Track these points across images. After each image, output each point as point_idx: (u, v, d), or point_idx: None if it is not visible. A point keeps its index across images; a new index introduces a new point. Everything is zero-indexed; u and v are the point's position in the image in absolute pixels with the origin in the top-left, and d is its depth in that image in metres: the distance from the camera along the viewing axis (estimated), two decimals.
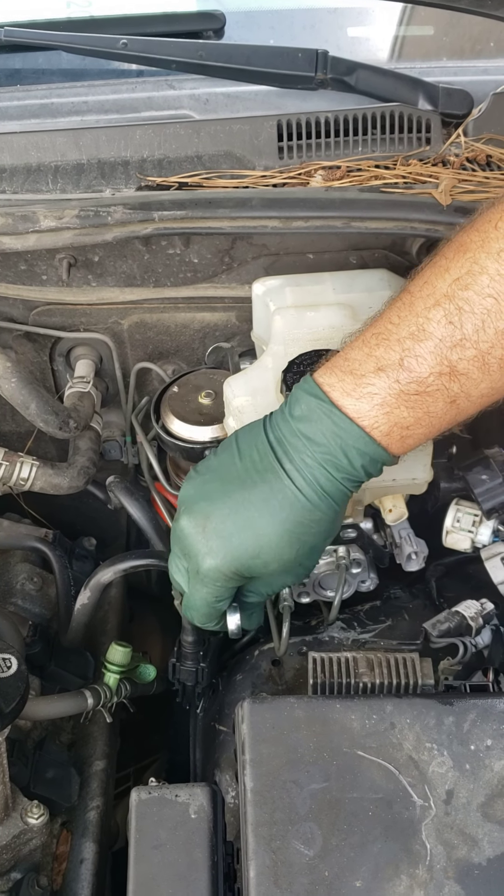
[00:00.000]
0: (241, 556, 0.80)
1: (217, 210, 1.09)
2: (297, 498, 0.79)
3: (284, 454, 0.80)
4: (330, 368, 0.81)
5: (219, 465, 0.83)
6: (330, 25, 1.46)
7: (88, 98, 1.27)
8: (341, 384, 0.79)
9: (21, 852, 0.94)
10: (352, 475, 0.80)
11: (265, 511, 0.79)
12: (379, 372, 0.78)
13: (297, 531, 0.80)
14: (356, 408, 0.78)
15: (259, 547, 0.80)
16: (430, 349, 0.76)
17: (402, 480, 0.99)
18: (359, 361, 0.79)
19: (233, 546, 0.80)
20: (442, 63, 1.36)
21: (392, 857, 0.74)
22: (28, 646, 1.06)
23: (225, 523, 0.80)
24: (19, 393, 1.13)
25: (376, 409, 0.78)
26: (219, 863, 0.77)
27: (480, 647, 1.03)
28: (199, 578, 0.83)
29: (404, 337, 0.77)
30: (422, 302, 0.78)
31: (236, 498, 0.80)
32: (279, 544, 0.80)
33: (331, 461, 0.79)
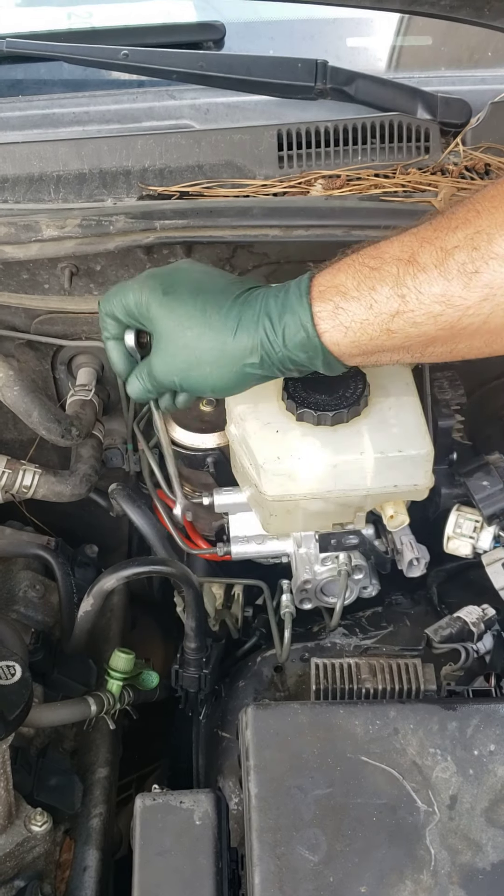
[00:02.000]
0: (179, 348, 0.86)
1: (218, 219, 1.09)
2: (236, 336, 0.84)
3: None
4: (323, 280, 0.84)
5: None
6: (329, 36, 1.47)
7: (90, 108, 1.27)
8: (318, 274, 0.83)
9: (24, 860, 0.94)
10: (295, 337, 0.83)
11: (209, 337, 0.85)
12: (351, 252, 0.83)
13: (227, 357, 0.85)
14: (317, 275, 0.83)
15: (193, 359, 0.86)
16: (401, 238, 0.80)
17: (404, 487, 0.99)
18: (346, 254, 0.84)
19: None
20: (440, 73, 1.37)
21: (396, 862, 0.75)
22: (31, 653, 1.06)
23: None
24: (21, 401, 1.13)
25: (328, 271, 0.82)
26: (223, 869, 0.77)
27: (482, 652, 1.03)
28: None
29: (391, 235, 0.82)
30: (416, 226, 0.82)
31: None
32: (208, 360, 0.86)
33: (277, 326, 0.83)
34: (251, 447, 0.98)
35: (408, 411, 0.99)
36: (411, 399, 1.00)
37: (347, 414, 0.96)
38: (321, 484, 0.98)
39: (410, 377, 1.03)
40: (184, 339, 0.86)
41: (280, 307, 0.83)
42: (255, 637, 1.21)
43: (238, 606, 1.24)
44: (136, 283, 0.89)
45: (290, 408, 0.97)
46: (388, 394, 1.00)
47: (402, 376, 1.02)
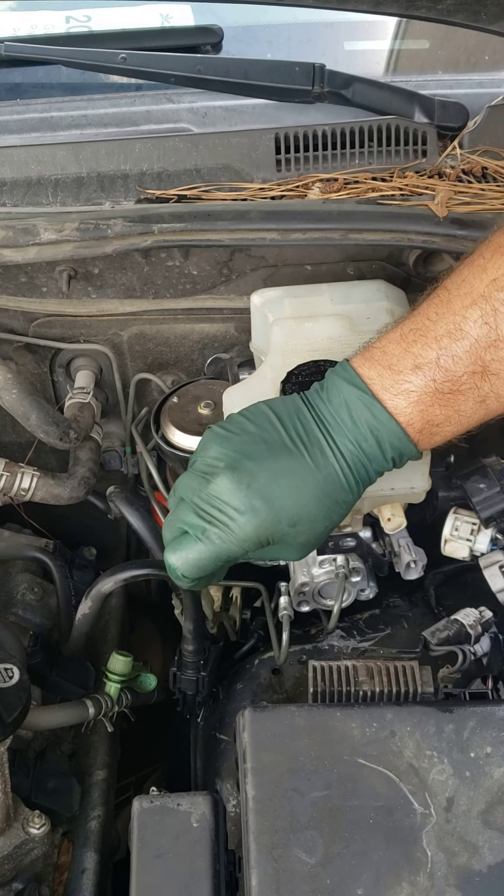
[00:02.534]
0: (281, 519, 0.80)
1: (216, 222, 1.10)
2: (339, 475, 0.81)
3: (329, 432, 0.81)
4: (368, 360, 0.82)
5: (258, 430, 0.82)
6: (327, 39, 1.47)
7: (88, 112, 1.28)
8: (381, 378, 0.81)
9: (22, 862, 0.95)
10: (381, 466, 0.82)
11: (311, 482, 0.80)
12: (416, 370, 0.79)
13: (332, 508, 0.82)
14: (394, 403, 0.80)
15: (299, 515, 0.80)
16: (465, 349, 0.78)
17: (401, 489, 0.99)
18: (397, 357, 0.81)
19: (275, 508, 0.79)
20: (437, 76, 1.37)
21: (393, 864, 0.75)
22: (29, 656, 1.06)
23: (271, 486, 0.79)
24: (20, 404, 1.13)
25: (412, 407, 0.80)
26: (221, 871, 0.77)
27: (479, 654, 1.03)
28: (223, 535, 0.80)
29: (441, 335, 0.79)
30: (459, 300, 0.79)
31: (284, 463, 0.80)
32: (316, 516, 0.81)
33: (367, 449, 0.81)
34: None
35: None
36: None
37: None
38: None
39: None
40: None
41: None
42: (252, 639, 1.21)
43: (236, 609, 1.24)
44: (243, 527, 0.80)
45: None
46: None
47: None
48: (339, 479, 0.80)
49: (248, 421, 0.83)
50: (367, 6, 1.12)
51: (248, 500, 0.79)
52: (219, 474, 0.80)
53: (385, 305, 1.07)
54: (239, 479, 0.79)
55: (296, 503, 0.80)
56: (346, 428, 0.81)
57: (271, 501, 0.79)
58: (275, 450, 0.81)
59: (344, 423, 0.81)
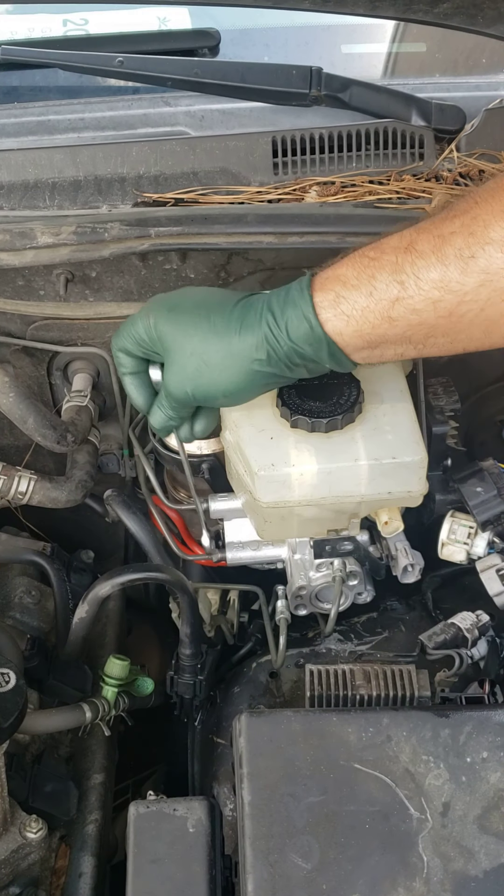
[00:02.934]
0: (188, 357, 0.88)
1: (213, 226, 1.10)
2: (243, 337, 0.86)
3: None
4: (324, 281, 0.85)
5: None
6: (324, 43, 1.47)
7: (85, 115, 1.28)
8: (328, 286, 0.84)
9: (20, 867, 0.95)
10: (298, 332, 0.84)
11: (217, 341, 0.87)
12: (352, 250, 0.84)
13: (239, 364, 0.87)
14: (319, 271, 0.85)
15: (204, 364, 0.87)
16: (399, 231, 0.82)
17: (398, 493, 1.00)
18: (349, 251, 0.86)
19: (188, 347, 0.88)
20: (434, 79, 1.37)
21: (389, 869, 0.75)
22: (26, 659, 1.06)
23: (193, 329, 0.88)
24: (17, 407, 1.13)
25: (329, 265, 0.84)
26: (217, 876, 0.77)
27: (476, 658, 1.03)
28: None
29: (387, 237, 0.83)
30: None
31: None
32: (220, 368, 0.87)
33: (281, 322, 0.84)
34: (245, 454, 0.99)
35: (402, 418, 0.99)
36: (405, 405, 1.01)
37: (342, 421, 0.96)
38: (315, 490, 0.98)
39: (404, 383, 1.03)
40: (191, 346, 0.87)
41: (282, 302, 0.84)
42: (250, 643, 1.21)
43: (233, 612, 1.24)
44: (140, 312, 0.91)
45: (285, 415, 0.97)
46: (382, 400, 1.00)
47: (396, 383, 1.02)
48: (244, 341, 0.85)
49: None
50: (364, 9, 1.11)
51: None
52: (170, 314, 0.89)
53: None
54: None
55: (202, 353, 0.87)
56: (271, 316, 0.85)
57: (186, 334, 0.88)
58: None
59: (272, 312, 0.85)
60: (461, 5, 1.09)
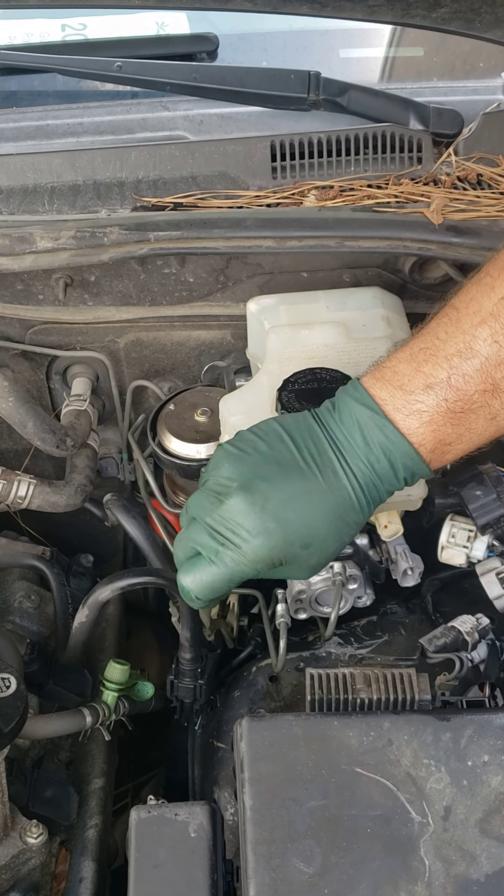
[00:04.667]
0: (294, 541, 0.79)
1: (212, 230, 1.10)
2: (351, 497, 0.80)
3: (342, 453, 0.81)
4: (379, 380, 0.82)
5: (270, 450, 0.81)
6: (322, 47, 1.48)
7: (84, 120, 1.28)
8: (392, 398, 0.80)
9: (20, 872, 0.94)
10: (393, 486, 0.82)
11: (323, 504, 0.80)
12: (427, 389, 0.79)
13: (343, 529, 0.81)
14: (406, 424, 0.80)
15: (311, 537, 0.80)
16: (475, 367, 0.78)
17: (398, 497, 0.99)
18: (408, 377, 0.80)
19: (289, 531, 0.79)
20: (432, 83, 1.38)
21: (391, 873, 0.75)
22: (26, 664, 1.06)
23: (285, 508, 0.79)
24: (16, 411, 1.13)
25: (424, 427, 0.80)
26: (219, 881, 0.77)
27: (476, 662, 1.03)
28: (236, 557, 0.79)
29: (451, 354, 0.79)
30: (468, 319, 0.79)
31: (297, 485, 0.79)
32: (328, 537, 0.81)
33: (379, 470, 0.81)
34: None
35: None
36: None
37: None
38: None
39: None
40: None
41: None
42: (250, 647, 1.21)
43: (233, 616, 1.24)
44: (256, 550, 0.80)
45: None
46: None
47: None
48: (351, 500, 0.80)
49: (259, 439, 0.83)
50: (363, 14, 1.12)
51: (261, 523, 0.78)
52: (232, 495, 0.79)
53: (381, 312, 1.07)
54: (253, 501, 0.79)
55: (308, 525, 0.80)
56: (358, 449, 0.80)
57: (285, 524, 0.79)
58: (287, 470, 0.80)
59: (356, 444, 0.80)
60: (459, 10, 1.09)
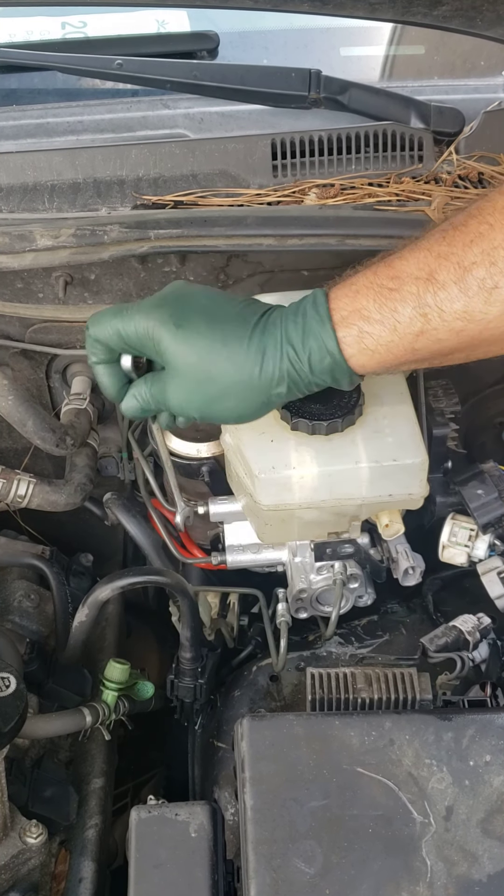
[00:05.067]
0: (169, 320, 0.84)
1: (212, 228, 1.10)
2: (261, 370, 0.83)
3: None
4: (339, 286, 0.84)
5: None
6: (322, 45, 1.47)
7: (84, 118, 1.28)
8: (335, 286, 0.84)
9: (19, 872, 0.94)
10: (305, 346, 0.83)
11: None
12: (364, 270, 0.83)
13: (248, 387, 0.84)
14: (333, 296, 0.82)
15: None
16: (414, 254, 0.80)
17: (399, 496, 0.99)
18: (358, 272, 0.84)
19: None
20: (433, 82, 1.37)
21: (393, 874, 0.75)
22: (26, 664, 1.05)
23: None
24: (16, 410, 1.13)
25: (345, 292, 0.82)
26: (219, 881, 0.77)
27: (478, 661, 1.03)
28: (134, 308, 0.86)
29: (399, 249, 0.82)
30: (428, 237, 0.81)
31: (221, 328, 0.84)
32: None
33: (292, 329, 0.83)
34: (246, 456, 0.98)
35: (402, 420, 0.99)
36: (405, 408, 1.01)
37: (342, 423, 0.96)
38: (316, 493, 0.98)
39: (405, 386, 1.03)
40: (206, 373, 0.83)
41: (302, 334, 0.82)
42: (250, 646, 1.21)
43: (234, 615, 1.24)
44: (139, 312, 0.85)
45: (285, 417, 0.97)
46: (382, 403, 1.00)
47: (396, 385, 1.02)
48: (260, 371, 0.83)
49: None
50: (363, 12, 1.12)
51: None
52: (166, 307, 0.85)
53: None
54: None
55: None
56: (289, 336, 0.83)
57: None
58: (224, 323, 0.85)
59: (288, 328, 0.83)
60: (460, 8, 1.09)
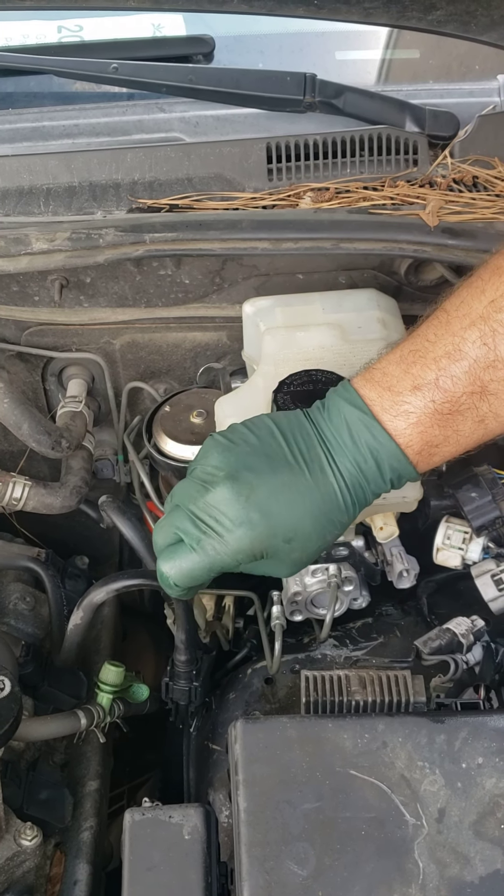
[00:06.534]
0: (277, 534, 0.79)
1: (208, 232, 1.10)
2: (337, 495, 0.80)
3: (330, 451, 0.81)
4: (369, 381, 0.82)
5: (260, 443, 0.81)
6: (318, 49, 1.48)
7: (80, 121, 1.28)
8: (380, 399, 0.81)
9: (14, 874, 0.94)
10: (379, 488, 0.82)
11: (309, 499, 0.80)
12: (415, 390, 0.80)
13: (327, 527, 0.81)
14: (394, 425, 0.80)
15: (295, 532, 0.80)
16: (464, 369, 0.78)
17: (393, 499, 0.99)
18: (396, 378, 0.81)
19: (272, 523, 0.79)
20: (428, 86, 1.38)
21: (385, 876, 0.75)
22: (21, 666, 1.06)
23: (270, 499, 0.78)
24: (12, 413, 1.13)
25: (411, 428, 0.80)
26: (213, 884, 0.77)
27: (471, 664, 1.03)
28: (217, 546, 0.79)
29: (440, 356, 0.79)
30: (458, 322, 0.79)
31: (284, 478, 0.79)
32: (311, 534, 0.81)
33: (366, 471, 0.81)
34: None
35: None
36: None
37: None
38: None
39: None
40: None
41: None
42: (245, 649, 1.21)
43: (229, 618, 1.24)
44: (239, 540, 0.79)
45: None
46: None
47: None
48: (337, 498, 0.80)
49: (250, 432, 0.82)
50: (358, 16, 1.12)
51: (245, 513, 0.78)
52: (218, 483, 0.79)
53: (376, 314, 1.08)
54: (238, 491, 0.78)
55: (293, 519, 0.79)
56: (346, 448, 0.80)
57: (269, 515, 0.78)
58: (275, 464, 0.80)
59: (344, 443, 0.81)
60: (454, 12, 1.09)
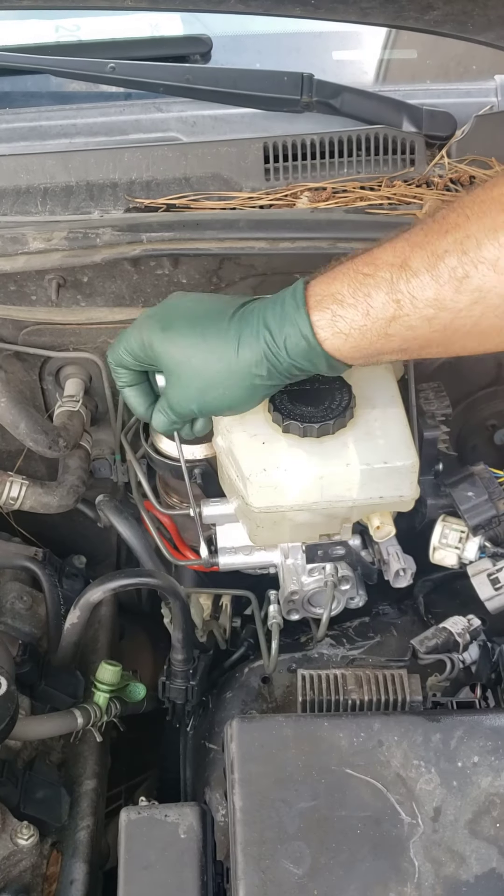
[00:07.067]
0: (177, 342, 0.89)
1: (205, 231, 1.10)
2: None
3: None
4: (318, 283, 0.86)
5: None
6: (315, 49, 1.48)
7: (77, 121, 1.28)
8: (315, 282, 0.85)
9: (11, 873, 0.94)
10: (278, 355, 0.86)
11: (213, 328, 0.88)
12: (345, 259, 0.85)
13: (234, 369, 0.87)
14: (312, 283, 0.85)
15: (195, 347, 0.88)
16: (393, 243, 0.82)
17: (390, 498, 1.00)
18: (340, 261, 0.86)
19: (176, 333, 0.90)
20: (425, 86, 1.38)
21: (381, 875, 0.75)
22: (18, 665, 1.05)
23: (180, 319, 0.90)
24: (9, 412, 1.13)
25: (323, 279, 0.84)
26: (208, 882, 0.77)
27: (468, 663, 1.03)
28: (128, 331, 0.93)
29: (383, 240, 0.84)
30: (407, 230, 0.83)
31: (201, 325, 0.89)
32: (214, 363, 0.87)
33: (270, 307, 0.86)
34: (238, 459, 0.99)
35: (393, 423, 1.00)
36: (397, 410, 1.01)
37: (333, 426, 0.96)
38: (307, 495, 0.98)
39: (396, 389, 1.03)
40: (190, 367, 0.89)
41: (278, 319, 0.85)
42: (242, 648, 1.21)
43: (226, 617, 1.24)
44: (134, 327, 0.93)
45: (277, 420, 0.97)
46: (373, 405, 1.00)
47: (387, 388, 1.03)
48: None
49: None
50: (355, 16, 1.12)
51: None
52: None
53: None
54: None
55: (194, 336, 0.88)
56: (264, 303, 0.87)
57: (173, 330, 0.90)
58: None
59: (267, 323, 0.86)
60: (451, 12, 1.09)
